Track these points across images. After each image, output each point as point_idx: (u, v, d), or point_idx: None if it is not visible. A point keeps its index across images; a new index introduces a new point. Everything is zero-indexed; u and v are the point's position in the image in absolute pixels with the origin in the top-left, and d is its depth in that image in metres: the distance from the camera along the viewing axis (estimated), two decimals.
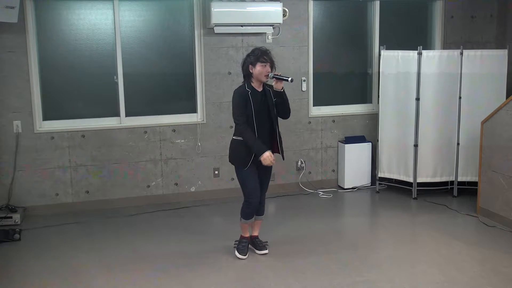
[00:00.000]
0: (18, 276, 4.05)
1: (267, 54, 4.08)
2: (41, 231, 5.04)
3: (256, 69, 4.04)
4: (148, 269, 4.13)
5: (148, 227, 5.12)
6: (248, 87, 4.10)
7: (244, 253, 4.32)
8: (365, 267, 4.10)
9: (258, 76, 4.05)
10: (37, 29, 5.41)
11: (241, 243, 4.37)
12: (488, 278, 3.87)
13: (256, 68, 4.04)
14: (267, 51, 4.10)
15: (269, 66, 4.07)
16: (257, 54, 4.05)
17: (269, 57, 4.07)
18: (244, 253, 4.32)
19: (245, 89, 4.09)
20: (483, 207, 5.23)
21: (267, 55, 4.07)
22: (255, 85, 4.11)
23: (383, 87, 5.95)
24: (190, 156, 5.93)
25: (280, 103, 4.15)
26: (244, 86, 4.12)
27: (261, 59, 4.03)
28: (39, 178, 5.51)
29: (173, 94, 5.93)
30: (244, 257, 4.30)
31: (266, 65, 4.04)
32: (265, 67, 4.04)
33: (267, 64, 4.05)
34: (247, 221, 4.30)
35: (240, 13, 5.57)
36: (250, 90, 4.08)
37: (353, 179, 6.30)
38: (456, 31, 6.57)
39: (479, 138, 5.27)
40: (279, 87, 4.09)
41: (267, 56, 4.05)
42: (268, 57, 4.06)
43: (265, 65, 4.04)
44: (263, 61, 4.03)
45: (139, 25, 5.72)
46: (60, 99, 5.61)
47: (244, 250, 4.33)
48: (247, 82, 4.13)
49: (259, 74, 4.04)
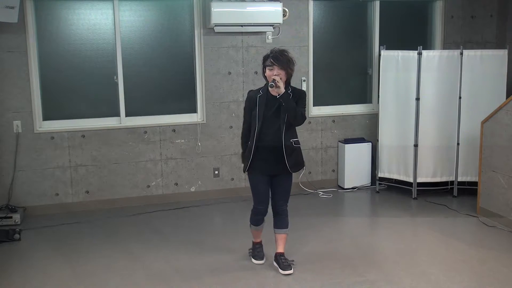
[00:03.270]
0: (18, 276, 4.04)
1: (277, 57, 3.76)
2: (41, 231, 5.04)
3: (266, 73, 3.83)
4: (148, 269, 4.13)
5: (148, 227, 5.12)
6: (263, 90, 3.90)
7: (260, 257, 4.16)
8: (365, 267, 4.09)
9: (269, 80, 3.81)
10: (37, 29, 5.41)
11: (255, 250, 4.22)
12: (488, 278, 3.86)
13: (266, 71, 3.83)
14: (279, 53, 3.79)
15: (279, 70, 3.75)
16: (266, 57, 3.83)
17: (278, 60, 3.75)
18: (260, 258, 4.15)
19: (259, 91, 3.91)
20: (483, 207, 5.23)
21: (276, 58, 3.76)
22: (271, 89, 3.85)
23: (383, 87, 5.95)
24: (190, 156, 5.93)
25: (285, 109, 3.81)
26: (260, 89, 3.94)
27: (267, 62, 3.80)
28: (39, 178, 5.51)
29: (173, 94, 5.93)
30: (261, 262, 4.14)
31: (273, 68, 3.75)
32: (272, 70, 3.76)
33: (274, 67, 3.75)
34: (256, 227, 4.10)
35: (240, 13, 5.56)
36: (261, 94, 3.88)
37: (353, 179, 6.30)
38: (456, 31, 6.57)
39: (479, 138, 5.27)
40: (274, 93, 3.77)
41: (275, 59, 3.75)
42: (277, 60, 3.75)
43: (272, 69, 3.76)
44: (269, 64, 3.78)
45: (139, 25, 5.72)
46: (60, 99, 5.61)
47: (260, 255, 4.16)
48: (265, 85, 3.90)
49: (268, 78, 3.81)
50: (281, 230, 4.06)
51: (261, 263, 4.14)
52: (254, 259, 4.19)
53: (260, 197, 3.97)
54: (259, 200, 3.98)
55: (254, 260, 4.17)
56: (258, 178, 3.95)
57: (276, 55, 3.78)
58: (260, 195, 3.97)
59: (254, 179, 3.97)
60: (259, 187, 3.96)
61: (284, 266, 3.98)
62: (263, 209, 4.00)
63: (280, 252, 4.07)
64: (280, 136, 3.84)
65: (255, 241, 4.23)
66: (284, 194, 4.01)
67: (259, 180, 3.95)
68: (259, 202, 3.99)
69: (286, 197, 4.02)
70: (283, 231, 4.06)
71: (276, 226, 4.06)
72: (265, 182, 3.94)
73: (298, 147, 3.96)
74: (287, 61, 3.79)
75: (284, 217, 4.04)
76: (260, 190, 3.96)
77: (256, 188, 3.98)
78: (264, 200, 3.98)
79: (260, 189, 3.96)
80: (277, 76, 3.74)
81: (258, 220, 4.06)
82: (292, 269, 3.98)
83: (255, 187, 3.98)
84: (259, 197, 3.98)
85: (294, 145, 3.90)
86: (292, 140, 3.90)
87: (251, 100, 3.93)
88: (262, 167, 3.91)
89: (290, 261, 4.05)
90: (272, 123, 3.85)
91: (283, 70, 3.77)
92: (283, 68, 3.77)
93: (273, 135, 3.85)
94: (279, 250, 4.07)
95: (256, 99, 3.89)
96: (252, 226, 4.12)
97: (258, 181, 3.95)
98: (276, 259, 4.06)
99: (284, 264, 3.99)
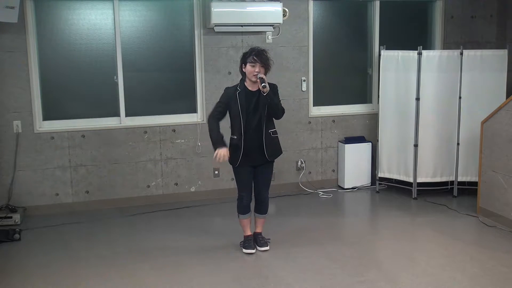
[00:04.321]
0: (18, 276, 4.04)
1: (260, 54, 4.04)
2: (41, 231, 5.04)
3: (246, 69, 4.08)
4: (148, 269, 4.13)
5: (148, 227, 5.12)
6: (240, 87, 4.15)
7: (252, 247, 4.40)
8: (365, 267, 4.10)
9: (248, 76, 4.08)
10: (37, 29, 5.41)
11: (246, 241, 4.44)
12: (488, 278, 3.87)
13: (246, 67, 4.07)
14: (261, 52, 4.06)
15: (260, 67, 4.03)
16: (248, 54, 4.07)
17: (261, 58, 4.03)
18: (251, 248, 4.39)
19: (236, 88, 4.15)
20: (483, 207, 5.23)
21: (259, 56, 4.03)
22: (248, 84, 4.14)
23: (383, 87, 5.95)
24: (190, 156, 5.93)
25: (269, 106, 4.11)
26: (237, 85, 4.18)
27: (249, 58, 4.04)
28: (39, 178, 5.51)
29: (173, 94, 5.93)
30: (252, 251, 4.37)
31: (255, 65, 4.02)
32: (254, 67, 4.02)
33: (256, 64, 4.02)
34: (244, 216, 4.39)
35: (240, 13, 5.56)
36: (240, 90, 4.12)
37: (353, 179, 6.30)
38: (456, 31, 6.57)
39: (479, 138, 5.27)
40: (254, 88, 4.12)
41: (258, 57, 4.03)
42: (260, 58, 4.03)
43: (253, 65, 4.02)
44: (251, 61, 4.03)
45: (139, 25, 5.72)
46: (60, 99, 5.61)
47: (251, 245, 4.41)
48: (242, 81, 4.17)
49: (248, 74, 4.07)
50: (261, 215, 4.48)
51: (252, 252, 4.37)
52: (245, 248, 4.40)
53: (244, 185, 4.31)
54: (243, 188, 4.32)
55: (245, 249, 4.39)
56: (244, 169, 4.26)
57: (259, 53, 4.05)
58: (244, 184, 4.31)
59: (240, 171, 4.28)
60: (244, 177, 4.29)
61: (262, 243, 4.44)
62: (248, 196, 4.32)
63: (259, 231, 4.52)
64: (261, 128, 4.17)
65: (245, 235, 4.46)
66: (266, 182, 4.38)
67: (244, 171, 4.27)
68: (243, 189, 4.32)
69: (268, 184, 4.40)
70: (262, 216, 4.48)
71: (256, 211, 4.47)
72: (248, 172, 4.28)
73: (276, 136, 4.31)
74: (268, 59, 4.09)
75: (265, 204, 4.43)
76: (244, 180, 4.30)
77: (241, 178, 4.31)
78: (248, 188, 4.32)
79: (245, 179, 4.30)
80: (261, 73, 4.02)
81: (244, 208, 4.36)
82: (268, 246, 4.43)
83: (240, 176, 4.31)
84: (243, 185, 4.31)
85: (272, 135, 4.25)
86: (270, 130, 4.24)
87: (230, 97, 4.15)
88: (248, 160, 4.22)
89: (266, 239, 4.50)
90: (253, 117, 4.15)
91: (264, 67, 4.06)
92: (264, 66, 4.06)
93: (255, 128, 4.17)
94: (257, 230, 4.52)
95: (236, 96, 4.12)
96: (240, 215, 4.41)
97: (243, 172, 4.27)
98: (255, 238, 4.48)
99: (261, 242, 4.45)
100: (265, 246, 4.43)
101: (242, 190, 4.33)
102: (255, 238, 4.49)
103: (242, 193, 4.33)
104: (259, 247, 4.43)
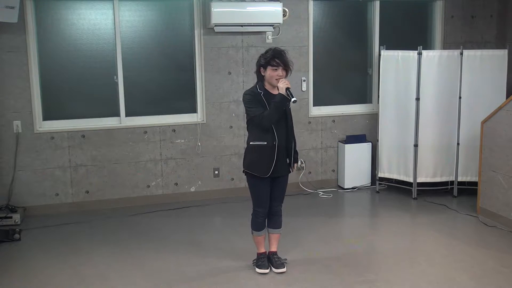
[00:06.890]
0: (18, 276, 4.04)
1: (280, 56, 3.74)
2: (41, 231, 5.04)
3: (266, 73, 3.76)
4: (148, 269, 4.13)
5: (148, 227, 5.12)
6: (260, 89, 3.81)
7: (266, 267, 3.99)
8: (365, 267, 4.09)
9: (269, 80, 3.77)
10: (37, 29, 5.41)
11: (259, 260, 4.04)
12: (488, 278, 3.86)
13: (266, 71, 3.76)
14: (280, 53, 3.76)
15: (282, 70, 3.75)
16: (268, 57, 3.75)
17: (282, 60, 3.74)
18: (265, 267, 3.99)
19: (257, 90, 3.80)
20: (483, 207, 5.23)
21: (280, 58, 3.74)
22: (269, 87, 3.82)
23: (383, 87, 5.95)
24: (190, 156, 5.93)
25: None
26: (256, 88, 3.83)
27: (272, 62, 3.73)
28: (39, 178, 5.51)
29: (173, 94, 5.93)
30: (266, 271, 3.98)
31: (278, 68, 3.73)
32: (277, 70, 3.73)
33: (279, 67, 3.73)
34: (259, 233, 4.00)
35: (240, 13, 5.56)
36: (262, 92, 3.79)
37: (353, 179, 6.30)
38: (456, 31, 6.56)
39: (479, 138, 5.27)
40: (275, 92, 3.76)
41: (279, 59, 3.73)
42: (281, 60, 3.74)
43: (276, 69, 3.73)
44: (274, 64, 3.72)
45: (139, 25, 5.72)
46: (60, 99, 5.61)
47: (265, 264, 4.01)
48: (260, 84, 3.84)
49: (270, 78, 3.76)
50: (276, 230, 4.07)
51: (266, 272, 3.98)
52: (258, 268, 4.01)
53: (263, 201, 3.92)
54: (261, 203, 3.92)
55: (259, 269, 4.00)
56: (265, 182, 3.86)
57: (279, 55, 3.75)
58: (263, 199, 3.91)
59: (260, 184, 3.87)
60: (264, 191, 3.89)
61: (278, 264, 4.01)
62: (265, 211, 3.96)
63: (273, 251, 4.09)
64: (288, 136, 3.87)
65: (259, 252, 4.07)
66: (283, 194, 4.01)
67: (265, 184, 3.87)
68: (261, 204, 3.93)
69: (283, 197, 4.03)
70: (277, 231, 4.07)
71: (270, 226, 4.05)
72: (267, 184, 3.89)
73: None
74: (289, 62, 3.80)
75: (279, 217, 4.05)
76: (264, 195, 3.90)
77: (260, 193, 3.90)
78: (266, 203, 3.93)
79: (264, 193, 3.90)
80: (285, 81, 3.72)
81: (260, 224, 3.98)
82: (285, 268, 4.01)
83: (259, 190, 3.89)
84: (262, 201, 3.91)
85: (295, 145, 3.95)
86: (293, 139, 3.94)
87: (254, 95, 3.79)
88: (275, 169, 3.81)
89: (283, 259, 4.08)
90: (282, 122, 3.83)
91: (285, 70, 3.79)
92: (286, 69, 3.79)
93: (283, 135, 3.84)
94: (272, 249, 4.10)
95: (262, 99, 3.77)
96: (255, 232, 4.02)
97: (264, 184, 3.87)
98: (269, 258, 4.07)
99: (277, 263, 4.01)
100: (281, 267, 3.98)
101: (259, 206, 3.91)
102: (270, 258, 4.06)
103: (259, 209, 3.92)
104: (274, 268, 3.99)
